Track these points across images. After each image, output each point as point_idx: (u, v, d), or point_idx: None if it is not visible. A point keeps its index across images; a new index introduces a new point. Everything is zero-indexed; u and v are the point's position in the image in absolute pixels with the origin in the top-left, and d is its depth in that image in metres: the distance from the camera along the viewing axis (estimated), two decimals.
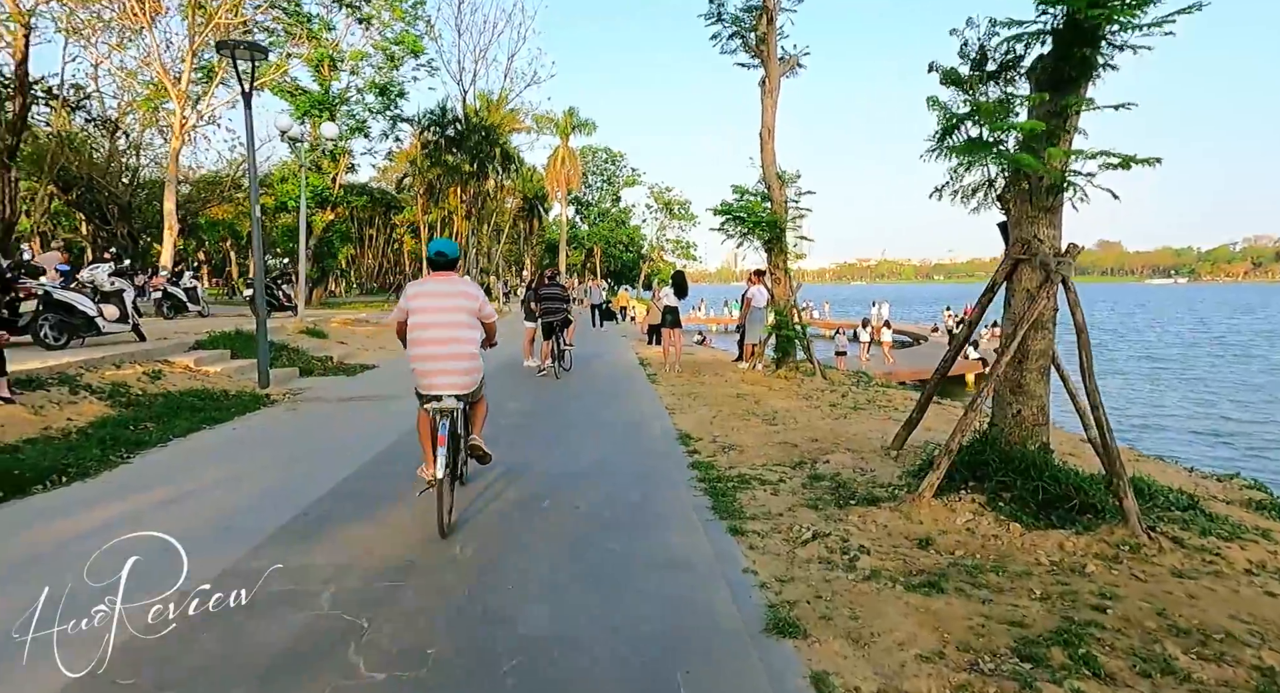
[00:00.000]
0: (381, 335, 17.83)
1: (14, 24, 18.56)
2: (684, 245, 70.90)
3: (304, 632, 2.86)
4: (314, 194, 27.57)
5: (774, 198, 10.72)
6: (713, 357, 15.25)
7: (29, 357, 7.67)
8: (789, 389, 9.64)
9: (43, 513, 4.24)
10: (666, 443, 6.50)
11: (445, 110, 27.73)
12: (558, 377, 10.85)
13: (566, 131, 55.42)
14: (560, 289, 11.16)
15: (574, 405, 8.51)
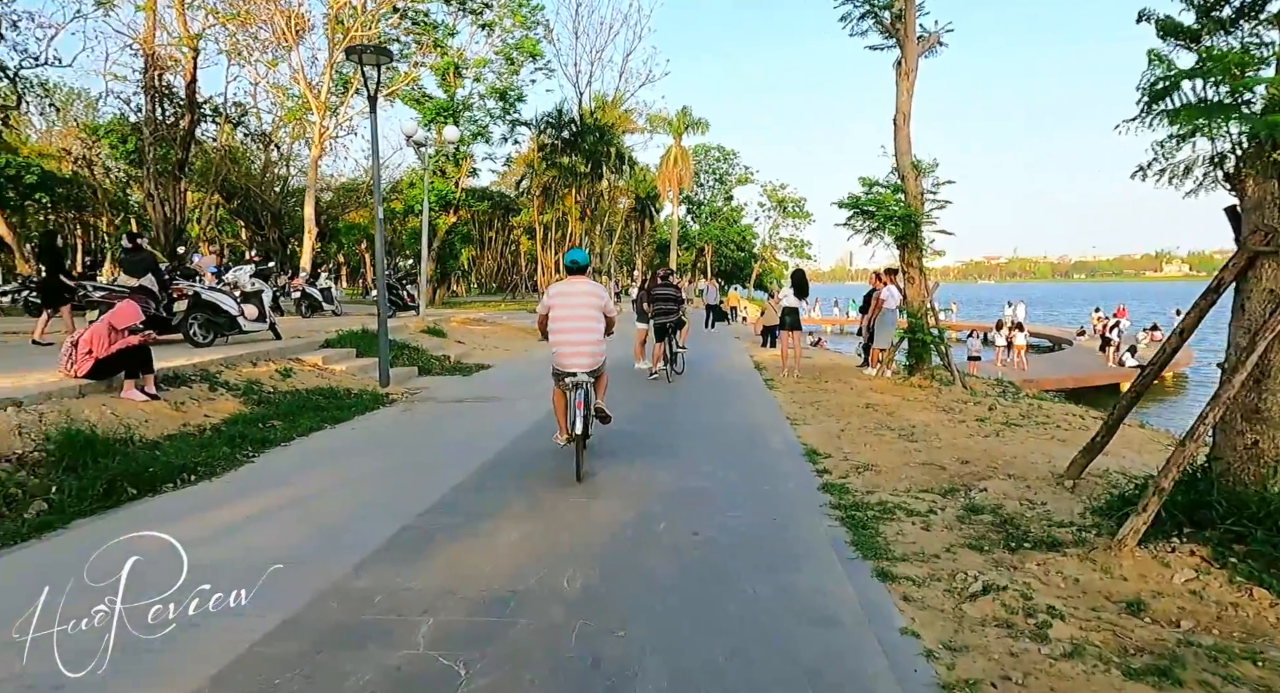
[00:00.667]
0: (497, 334, 18.19)
1: (185, 47, 20.50)
2: (798, 244, 68.82)
3: (394, 677, 2.56)
4: (438, 198, 28.80)
5: (908, 189, 9.78)
6: (832, 361, 14.33)
7: (178, 354, 8.15)
8: (925, 400, 8.71)
9: (161, 515, 4.27)
10: (790, 459, 5.90)
11: (561, 113, 28.13)
12: (669, 380, 10.44)
13: (679, 131, 55.07)
14: (674, 289, 10.75)
15: (687, 413, 8.05)
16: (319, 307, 16.86)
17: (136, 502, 4.47)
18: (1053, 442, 6.43)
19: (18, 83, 21.36)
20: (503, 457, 5.85)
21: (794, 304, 11.18)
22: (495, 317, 22.69)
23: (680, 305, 10.73)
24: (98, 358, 5.98)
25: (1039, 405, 8.36)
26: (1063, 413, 8.00)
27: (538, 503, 4.63)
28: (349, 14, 18.50)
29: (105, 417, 5.65)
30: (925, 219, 9.65)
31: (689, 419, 7.62)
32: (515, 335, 18.86)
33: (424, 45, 23.23)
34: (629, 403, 8.54)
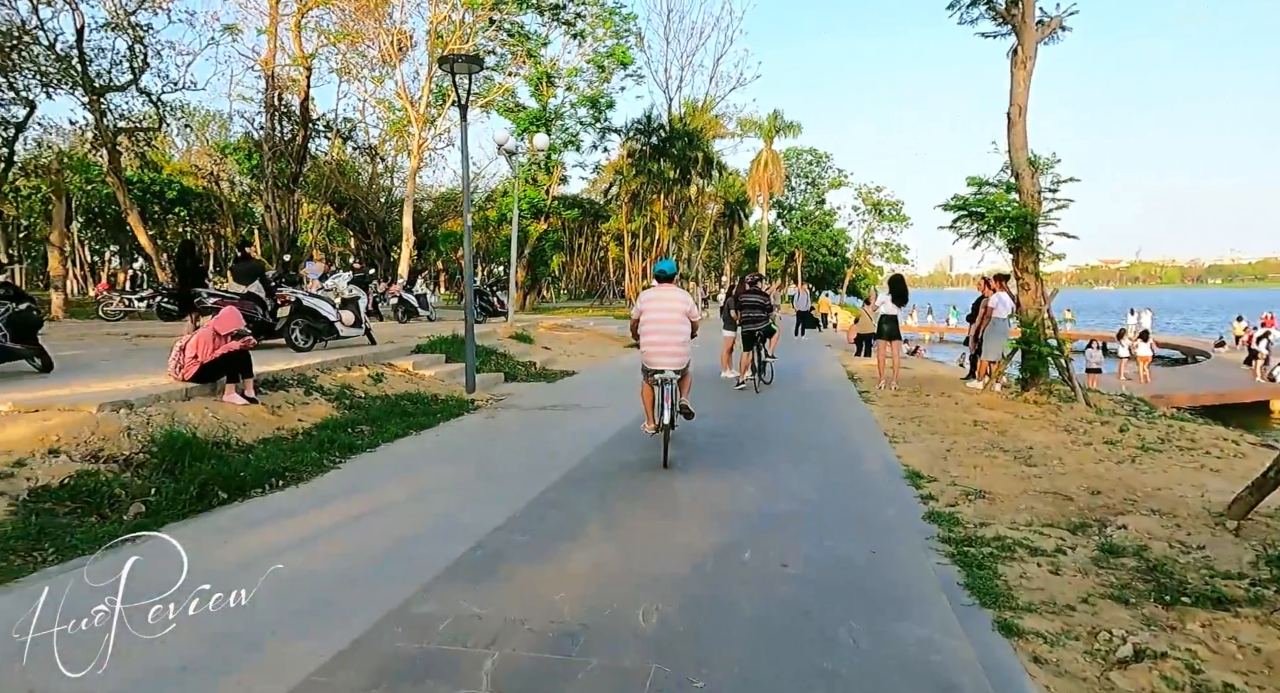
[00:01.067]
0: (583, 341, 18.24)
1: (300, 67, 21.84)
2: (894, 248, 66.09)
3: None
4: (529, 205, 29.41)
5: (1023, 188, 8.95)
6: (933, 372, 13.43)
7: (279, 358, 8.49)
8: (1042, 418, 7.90)
9: (245, 522, 4.31)
10: (890, 481, 5.40)
11: (650, 119, 28.11)
12: (757, 391, 10.01)
13: (770, 134, 54.08)
14: (763, 297, 10.32)
15: (777, 426, 7.62)
16: (415, 312, 17.43)
17: (226, 507, 4.56)
18: (1203, 471, 5.60)
19: (159, 106, 23.38)
20: (581, 469, 5.66)
21: (892, 312, 10.50)
22: (582, 322, 22.84)
23: (769, 312, 10.30)
24: (202, 362, 6.25)
25: (1180, 427, 7.39)
26: (1211, 437, 7.02)
27: (616, 523, 4.39)
28: (448, 28, 19.13)
29: (206, 420, 5.86)
30: (1043, 220, 8.80)
31: (778, 433, 7.20)
32: (601, 342, 18.86)
33: (518, 56, 23.77)
34: (714, 414, 8.21)
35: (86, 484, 4.46)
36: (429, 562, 3.66)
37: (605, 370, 12.88)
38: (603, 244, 46.54)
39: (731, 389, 10.26)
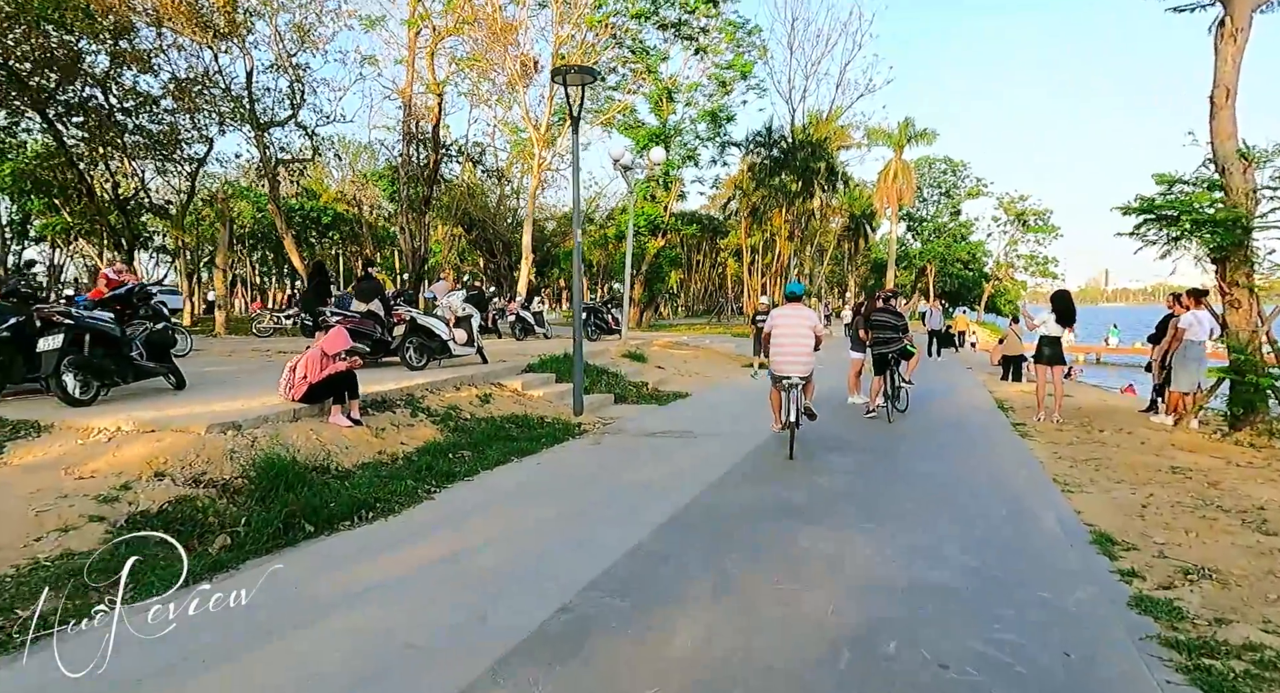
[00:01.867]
0: (699, 359, 17.60)
1: (432, 94, 22.95)
2: (1040, 261, 60.65)
3: None
4: (647, 222, 29.30)
5: (1231, 185, 7.40)
6: (1103, 402, 11.62)
7: (389, 377, 8.48)
8: (1266, 466, 6.35)
9: (322, 563, 4.00)
10: (1074, 546, 4.33)
11: (771, 131, 27.23)
12: (890, 420, 8.94)
13: (901, 144, 51.35)
14: (897, 316, 9.25)
15: (919, 465, 6.60)
16: (531, 330, 17.53)
17: (310, 541, 4.29)
18: None
19: (314, 138, 25.36)
20: (690, 512, 5.00)
21: (1056, 333, 9.07)
22: (698, 340, 22.22)
23: (905, 333, 9.21)
24: (310, 383, 6.20)
25: None
26: None
27: (728, 585, 3.69)
28: (572, 49, 19.37)
29: (309, 442, 5.76)
30: (1259, 224, 7.21)
31: (921, 474, 6.20)
32: (717, 361, 18.13)
33: (638, 72, 23.74)
34: (844, 447, 7.30)
35: (183, 511, 4.35)
36: (505, 630, 3.14)
37: (720, 393, 12.16)
38: (721, 260, 45.82)
39: (860, 417, 9.24)
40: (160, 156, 23.51)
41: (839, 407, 10.32)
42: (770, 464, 6.60)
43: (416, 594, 3.54)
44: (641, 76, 23.82)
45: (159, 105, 21.15)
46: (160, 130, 21.73)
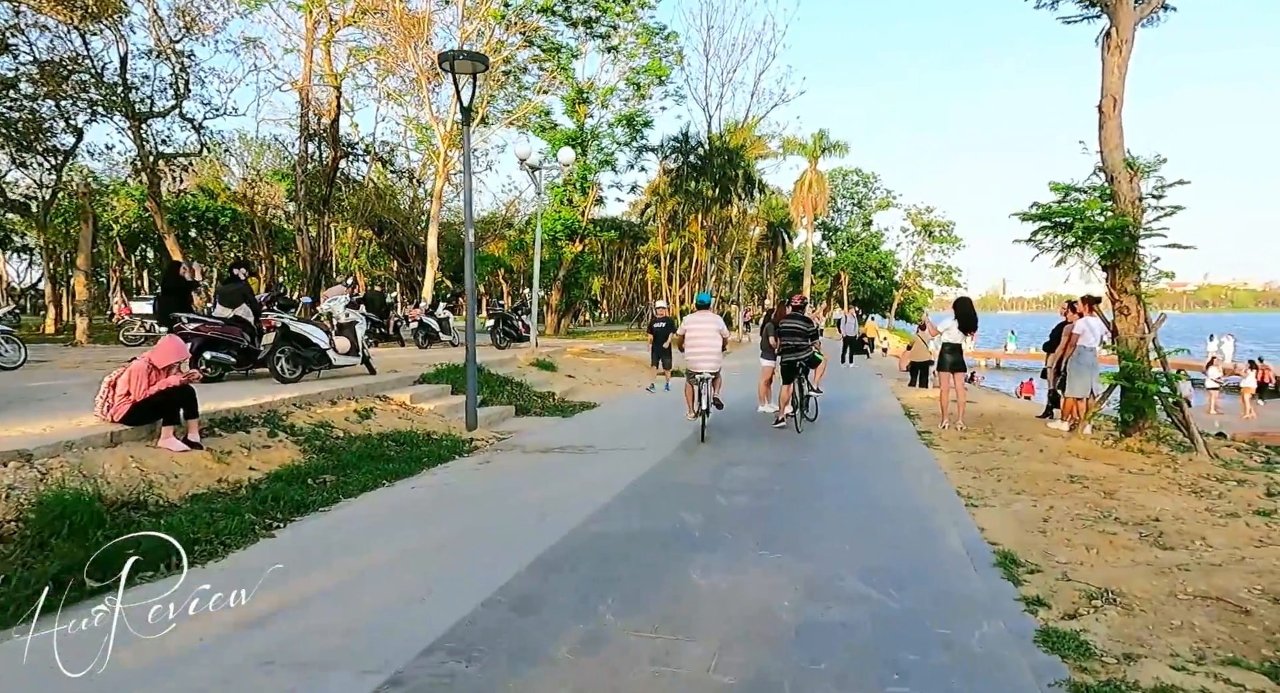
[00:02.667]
0: (613, 367, 17.12)
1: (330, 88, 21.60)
2: (944, 270, 63.76)
3: None
4: (565, 227, 28.68)
5: (1120, 193, 7.52)
6: (1003, 407, 11.84)
7: (250, 392, 7.55)
8: (1157, 473, 6.38)
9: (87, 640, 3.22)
10: (978, 571, 4.04)
11: (688, 136, 27.16)
12: (799, 430, 8.68)
13: (815, 154, 52.84)
14: (806, 322, 9.02)
15: (823, 479, 6.30)
16: (436, 337, 16.59)
17: (83, 603, 3.45)
18: None
19: (201, 132, 23.44)
20: (573, 542, 4.46)
21: (957, 340, 9.07)
22: (614, 347, 21.78)
23: (813, 340, 9.00)
24: (135, 401, 5.29)
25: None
26: None
27: (600, 638, 3.17)
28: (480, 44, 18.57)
29: (127, 472, 4.87)
30: (1145, 231, 7.34)
31: (825, 489, 5.88)
32: (632, 369, 17.70)
33: (550, 71, 23.12)
34: (748, 461, 6.93)
35: None
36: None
37: (631, 403, 11.70)
38: (641, 266, 45.66)
39: (769, 428, 8.96)
40: (18, 147, 21.15)
41: (749, 417, 10.04)
42: (670, 481, 6.15)
43: (216, 673, 2.83)
44: (554, 76, 23.21)
45: (16, 89, 18.99)
46: (19, 118, 19.52)
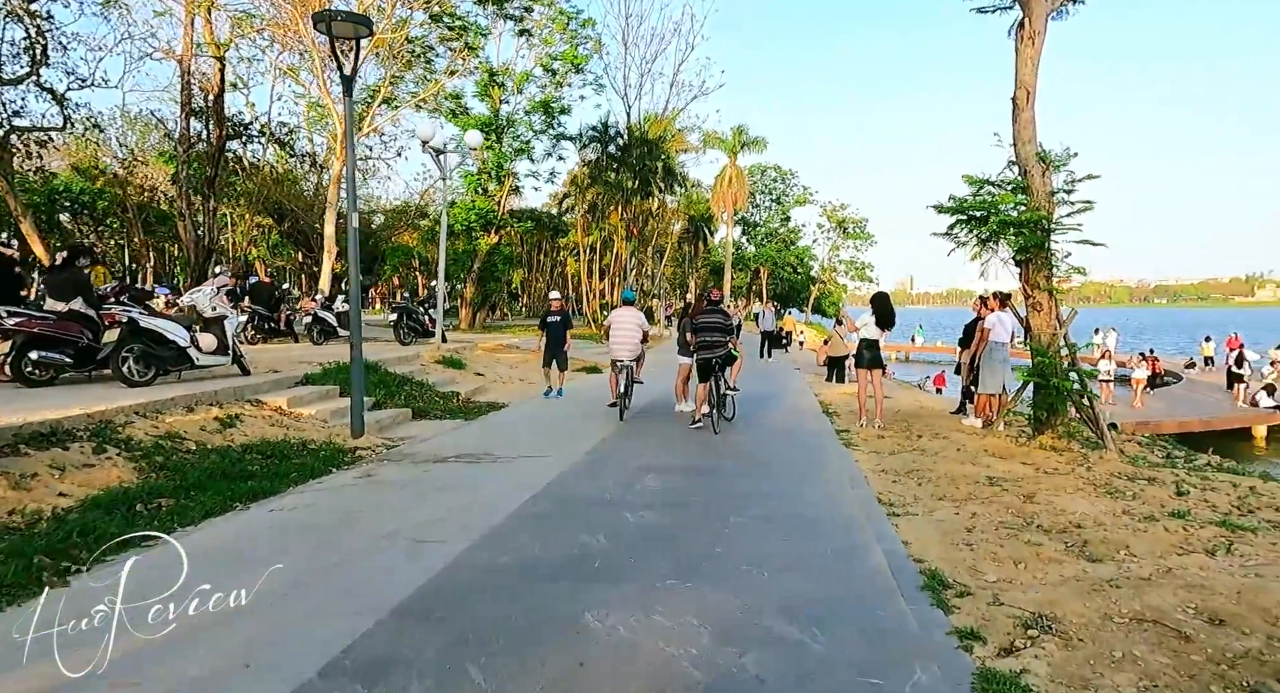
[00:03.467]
0: (527, 364, 16.35)
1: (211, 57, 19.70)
2: (858, 266, 65.88)
3: None
4: (479, 217, 27.49)
5: (1033, 187, 7.44)
6: (918, 403, 11.86)
7: (83, 398, 6.44)
8: (1070, 472, 6.28)
9: None
10: (904, 597, 3.65)
11: (606, 125, 26.49)
12: (716, 431, 8.26)
13: (734, 149, 53.31)
14: (722, 317, 8.60)
15: (741, 488, 5.86)
16: (333, 332, 15.33)
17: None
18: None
19: (64, 104, 20.98)
20: (449, 578, 3.80)
21: (875, 336, 8.88)
22: (531, 343, 20.96)
23: (730, 335, 8.59)
24: None
25: (1251, 488, 5.82)
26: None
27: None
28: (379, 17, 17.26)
29: None
30: (1058, 226, 7.28)
31: (742, 501, 5.43)
32: None
33: (457, 51, 21.94)
34: (662, 468, 6.42)
35: None
36: None
37: (543, 404, 11.01)
38: (561, 259, 44.70)
39: (686, 429, 8.51)
40: None
41: (666, 416, 9.57)
42: (574, 495, 5.55)
43: None
44: (463, 55, 22.04)
45: None
46: None
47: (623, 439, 7.94)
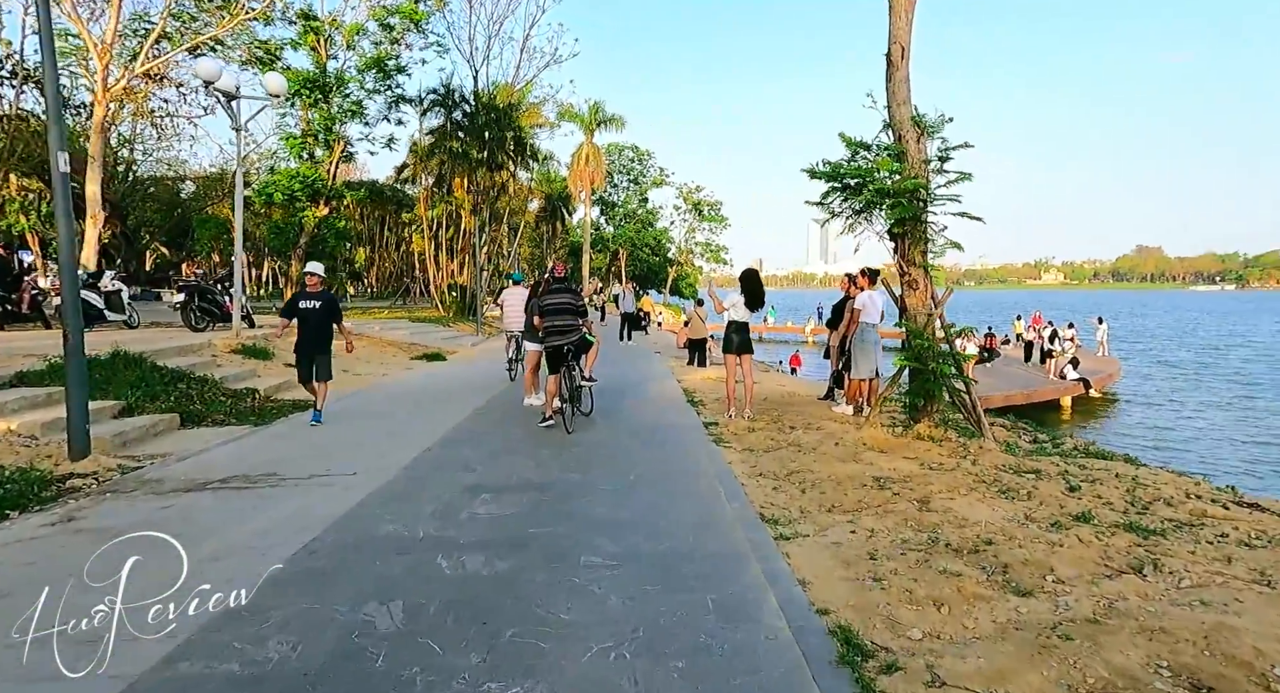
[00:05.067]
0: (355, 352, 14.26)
1: None
2: (714, 249, 67.26)
3: None
4: (304, 185, 24.24)
5: (908, 153, 6.82)
6: (781, 387, 11.31)
7: None
8: (957, 468, 5.69)
9: None
10: (816, 675, 2.64)
11: (450, 89, 24.19)
12: (570, 430, 7.06)
13: (591, 127, 52.04)
14: (572, 297, 7.36)
15: (595, 511, 4.67)
16: (100, 317, 12.39)
17: None
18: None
19: None
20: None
21: (744, 318, 8.04)
22: (365, 327, 18.62)
23: (582, 318, 7.39)
24: None
25: (1134, 477, 5.48)
26: (1178, 492, 5.14)
27: None
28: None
29: None
30: (935, 197, 6.71)
31: (595, 531, 4.25)
32: (381, 352, 14.96)
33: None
34: (499, 485, 5.10)
35: None
36: None
37: (366, 398, 9.26)
38: (407, 235, 41.25)
39: (534, 428, 7.23)
40: None
41: (509, 414, 8.22)
42: (374, 534, 4.11)
43: None
44: None
45: None
46: None
47: (455, 446, 6.52)
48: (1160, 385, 26.53)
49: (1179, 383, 27.20)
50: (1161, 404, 22.78)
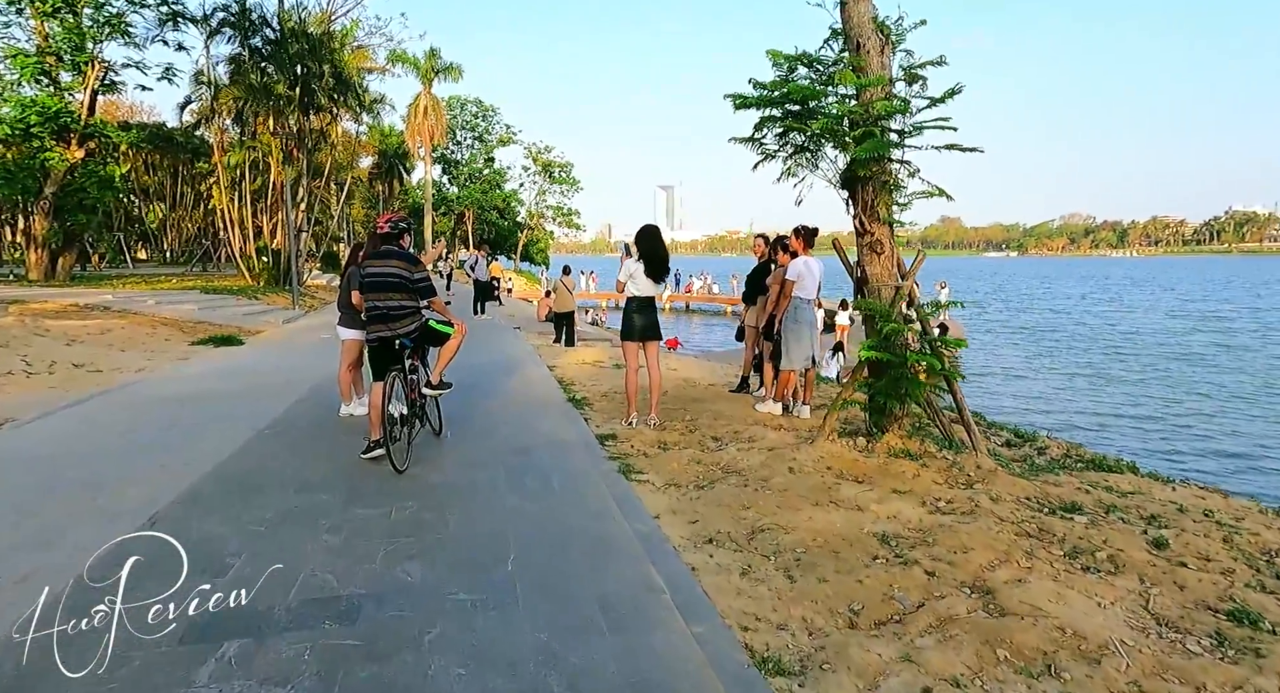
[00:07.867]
0: (118, 332, 10.62)
1: None
2: (566, 212, 64.51)
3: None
4: (43, 118, 18.73)
5: (869, 66, 5.00)
6: (673, 373, 9.38)
7: None
8: (968, 505, 4.04)
9: None
10: None
11: (247, 8, 19.62)
12: (402, 467, 4.66)
13: (429, 75, 47.19)
14: (407, 265, 4.88)
15: (443, 652, 2.44)
16: None
17: None
18: None
19: None
20: None
21: (648, 292, 5.97)
22: (138, 299, 14.53)
23: (424, 297, 4.97)
24: None
25: (1212, 518, 4.10)
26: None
27: None
28: None
29: None
30: (916, 129, 4.95)
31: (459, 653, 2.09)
32: (153, 335, 11.38)
33: None
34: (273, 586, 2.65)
35: None
36: None
37: (78, 416, 6.16)
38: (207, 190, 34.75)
39: (352, 460, 4.78)
40: None
41: (312, 436, 5.63)
42: None
43: None
44: None
45: None
46: None
47: (203, 511, 3.92)
48: (1005, 350, 27.80)
49: (1019, 347, 28.55)
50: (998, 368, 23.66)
